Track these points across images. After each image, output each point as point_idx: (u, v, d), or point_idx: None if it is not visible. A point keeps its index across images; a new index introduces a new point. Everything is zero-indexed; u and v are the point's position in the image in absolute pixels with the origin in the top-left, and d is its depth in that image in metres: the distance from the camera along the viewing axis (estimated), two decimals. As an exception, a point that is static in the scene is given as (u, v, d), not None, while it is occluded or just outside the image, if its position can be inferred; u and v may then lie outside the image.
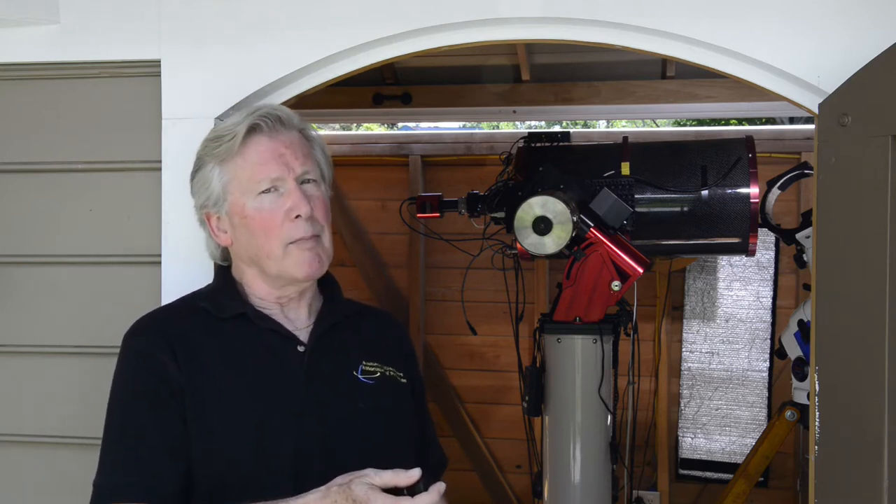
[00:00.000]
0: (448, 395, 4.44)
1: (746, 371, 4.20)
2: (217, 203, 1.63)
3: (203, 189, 1.64)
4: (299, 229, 1.58)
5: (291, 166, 1.59)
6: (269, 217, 1.57)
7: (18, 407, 2.07)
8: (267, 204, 1.58)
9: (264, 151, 1.59)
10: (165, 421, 1.51)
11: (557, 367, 2.64)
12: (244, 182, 1.59)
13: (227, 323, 1.61)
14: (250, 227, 1.59)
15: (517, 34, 1.98)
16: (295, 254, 1.58)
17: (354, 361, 1.65)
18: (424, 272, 4.39)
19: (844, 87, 1.69)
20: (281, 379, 1.58)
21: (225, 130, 1.61)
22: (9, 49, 2.05)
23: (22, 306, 2.08)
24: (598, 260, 2.57)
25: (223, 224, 1.65)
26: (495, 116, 4.69)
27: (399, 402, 1.69)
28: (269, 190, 1.58)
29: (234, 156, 1.59)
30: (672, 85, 3.67)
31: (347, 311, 1.72)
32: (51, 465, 2.01)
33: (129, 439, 1.53)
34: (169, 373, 1.53)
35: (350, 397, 1.62)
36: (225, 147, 1.60)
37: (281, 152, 1.59)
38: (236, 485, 1.49)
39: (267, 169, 1.58)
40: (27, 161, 2.08)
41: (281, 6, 1.96)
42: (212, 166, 1.62)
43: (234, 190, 1.60)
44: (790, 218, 3.75)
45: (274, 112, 1.62)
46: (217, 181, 1.61)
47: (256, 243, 1.60)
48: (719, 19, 1.83)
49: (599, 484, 2.62)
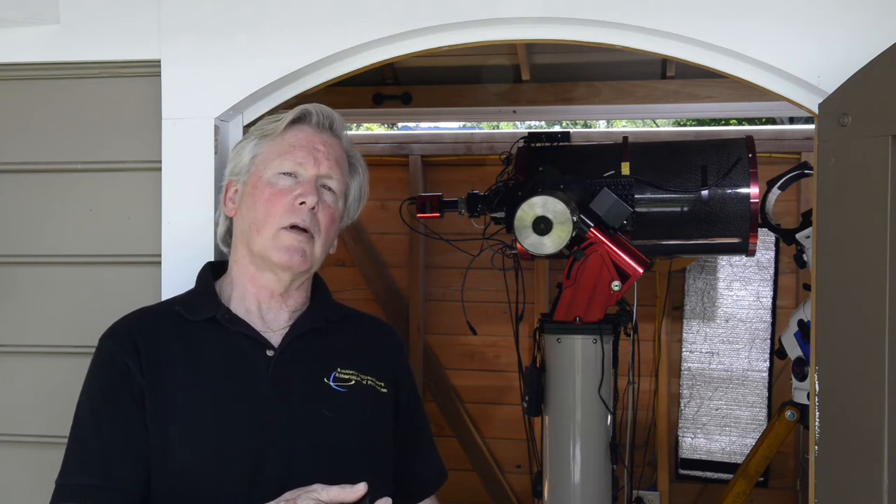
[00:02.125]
0: (448, 395, 4.44)
1: (746, 371, 4.20)
2: (240, 173, 1.67)
3: (235, 156, 1.70)
4: (297, 215, 1.59)
5: (319, 162, 1.63)
6: (278, 194, 1.60)
7: (18, 407, 2.07)
8: (281, 183, 1.61)
9: (302, 138, 1.64)
10: (127, 424, 1.51)
11: (557, 367, 2.64)
12: (272, 158, 1.63)
13: (198, 326, 1.60)
14: (257, 197, 1.61)
15: (517, 34, 1.98)
16: (282, 238, 1.59)
17: (328, 368, 1.62)
18: (424, 272, 4.39)
19: (844, 87, 1.69)
20: (245, 385, 1.56)
21: (281, 114, 1.68)
22: (9, 49, 2.05)
23: (22, 306, 2.08)
24: (598, 260, 2.57)
25: (236, 196, 1.68)
26: (495, 116, 4.69)
27: (375, 412, 1.66)
28: (290, 175, 1.61)
29: (276, 136, 1.65)
30: (672, 85, 3.67)
31: (331, 316, 1.69)
32: (51, 465, 2.01)
33: (91, 441, 1.52)
34: (132, 376, 1.53)
35: (317, 404, 1.59)
36: (272, 126, 1.67)
37: (316, 146, 1.64)
38: (191, 492, 1.49)
39: (296, 153, 1.62)
40: (27, 161, 2.08)
41: (281, 6, 1.96)
42: (253, 139, 1.69)
43: (261, 162, 1.65)
44: (790, 218, 3.75)
45: (330, 114, 1.68)
46: (248, 153, 1.67)
47: (254, 215, 1.61)
48: (719, 19, 1.83)
49: (599, 484, 2.62)
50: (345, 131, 1.71)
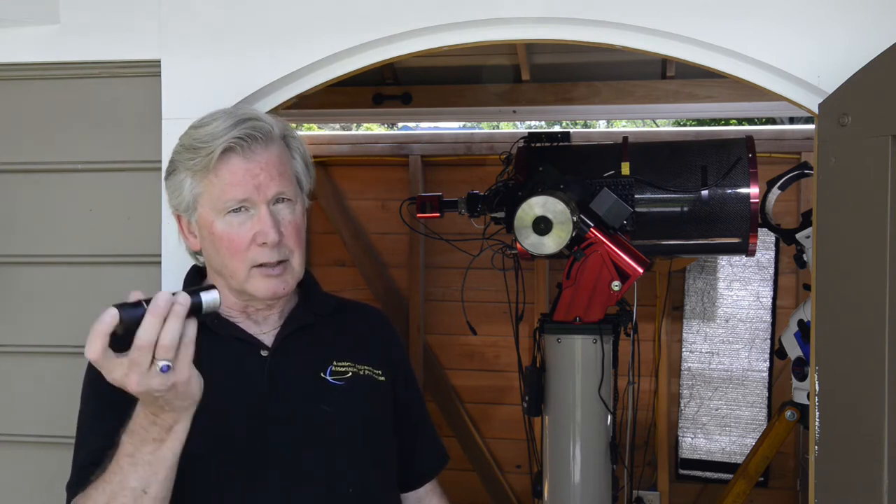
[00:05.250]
0: (448, 395, 4.44)
1: (746, 371, 4.20)
2: (188, 210, 1.60)
3: (175, 193, 1.60)
4: (264, 254, 1.54)
5: (264, 189, 1.53)
6: (236, 239, 1.53)
7: (18, 407, 2.08)
8: (236, 224, 1.54)
9: (237, 171, 1.53)
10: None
11: (557, 367, 2.64)
12: (214, 199, 1.54)
13: None
14: (217, 244, 1.56)
15: (517, 34, 1.98)
16: (258, 277, 1.55)
17: (324, 362, 1.62)
18: (424, 272, 4.39)
19: (844, 87, 1.69)
20: (241, 387, 1.56)
21: (202, 142, 1.54)
22: (9, 49, 2.05)
23: (22, 306, 2.08)
24: (598, 260, 2.57)
25: (194, 228, 1.62)
26: (495, 116, 4.69)
27: (374, 402, 1.66)
28: (239, 209, 1.54)
29: (207, 172, 1.54)
30: (672, 85, 3.67)
31: (321, 310, 1.68)
32: (51, 465, 2.01)
33: (96, 443, 1.50)
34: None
35: (314, 400, 1.59)
36: (199, 161, 1.54)
37: (255, 173, 1.53)
38: (192, 494, 1.47)
39: (237, 190, 1.53)
40: (27, 161, 2.08)
41: (281, 6, 1.96)
42: (184, 175, 1.57)
43: (205, 203, 1.56)
44: (790, 218, 3.75)
45: (253, 131, 1.54)
46: (188, 191, 1.57)
47: (221, 261, 1.57)
48: (719, 19, 1.83)
49: (599, 484, 2.62)
50: (270, 122, 1.58)
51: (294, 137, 1.64)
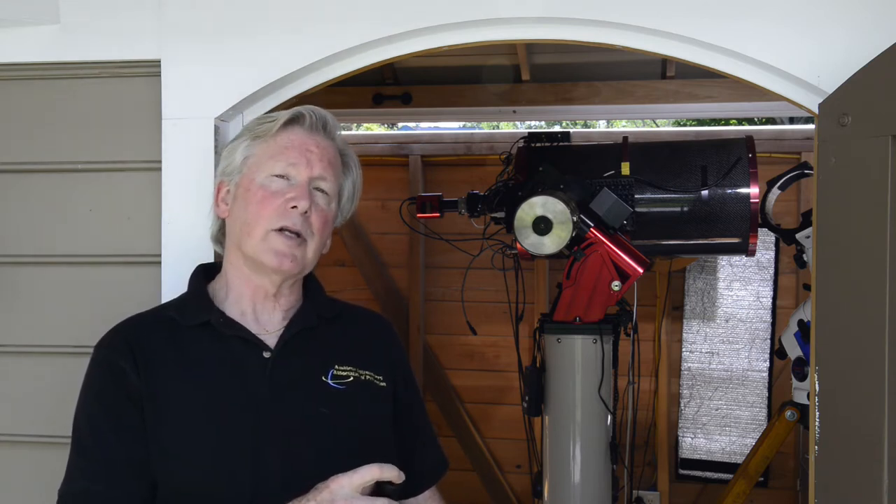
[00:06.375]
0: (448, 395, 4.44)
1: (746, 371, 4.20)
2: (232, 173, 1.65)
3: (228, 156, 1.68)
4: (288, 218, 1.58)
5: (311, 164, 1.61)
6: (269, 197, 1.59)
7: (18, 407, 2.07)
8: (273, 186, 1.60)
9: (295, 140, 1.62)
10: (128, 430, 1.50)
11: (557, 367, 2.64)
12: (264, 160, 1.61)
13: (192, 332, 1.59)
14: (248, 199, 1.60)
15: (517, 34, 1.98)
16: (273, 241, 1.58)
17: (326, 365, 1.62)
18: (424, 272, 4.39)
19: (844, 87, 1.69)
20: (243, 388, 1.56)
21: (274, 114, 1.66)
22: (9, 49, 2.05)
23: (22, 306, 2.08)
24: (598, 260, 2.57)
25: (228, 197, 1.66)
26: (495, 116, 4.69)
27: (375, 407, 1.66)
28: (283, 177, 1.60)
29: (268, 137, 1.63)
30: (672, 85, 3.67)
31: (325, 313, 1.69)
32: (50, 465, 2.01)
33: (93, 448, 1.52)
34: (129, 381, 1.52)
35: (315, 403, 1.59)
36: (265, 127, 1.64)
37: (309, 147, 1.62)
38: (193, 496, 1.48)
39: (289, 155, 1.61)
40: (27, 161, 2.08)
41: (281, 6, 1.96)
42: (245, 139, 1.66)
43: (252, 165, 1.63)
44: (790, 218, 3.75)
45: (323, 116, 1.66)
46: (241, 154, 1.65)
47: (245, 217, 1.60)
48: (719, 19, 1.83)
49: (599, 484, 2.62)
50: (338, 131, 1.70)
51: (351, 157, 1.73)
